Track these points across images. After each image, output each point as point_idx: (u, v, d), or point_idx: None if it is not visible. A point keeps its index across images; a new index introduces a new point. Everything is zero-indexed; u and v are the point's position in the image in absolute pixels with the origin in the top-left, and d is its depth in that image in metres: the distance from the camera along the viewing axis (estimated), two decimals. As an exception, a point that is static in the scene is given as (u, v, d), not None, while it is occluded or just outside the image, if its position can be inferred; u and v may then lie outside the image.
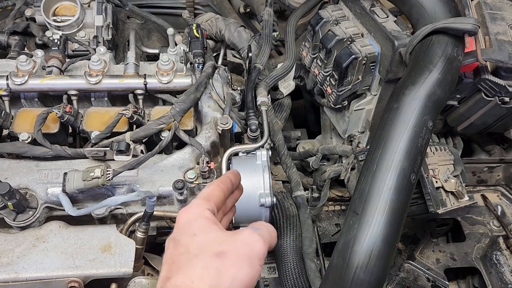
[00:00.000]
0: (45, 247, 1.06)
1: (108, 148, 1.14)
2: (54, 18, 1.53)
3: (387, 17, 1.33)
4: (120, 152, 1.13)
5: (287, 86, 1.66)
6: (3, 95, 1.23)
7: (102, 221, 1.20)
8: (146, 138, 1.20)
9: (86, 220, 1.18)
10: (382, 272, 0.95)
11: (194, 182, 1.19)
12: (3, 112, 1.19)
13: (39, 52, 1.33)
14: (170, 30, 1.33)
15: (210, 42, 1.62)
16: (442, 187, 1.32)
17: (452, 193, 1.33)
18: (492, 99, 1.33)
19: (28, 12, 1.58)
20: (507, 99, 1.33)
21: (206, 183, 1.19)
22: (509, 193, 1.63)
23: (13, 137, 1.20)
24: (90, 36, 1.51)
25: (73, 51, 1.45)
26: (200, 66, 1.32)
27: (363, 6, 1.36)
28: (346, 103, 1.48)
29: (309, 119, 2.13)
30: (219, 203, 0.84)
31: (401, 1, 1.27)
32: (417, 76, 1.09)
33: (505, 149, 1.65)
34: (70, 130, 1.30)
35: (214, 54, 1.72)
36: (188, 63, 1.34)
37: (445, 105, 1.44)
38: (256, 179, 1.23)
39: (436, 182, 1.31)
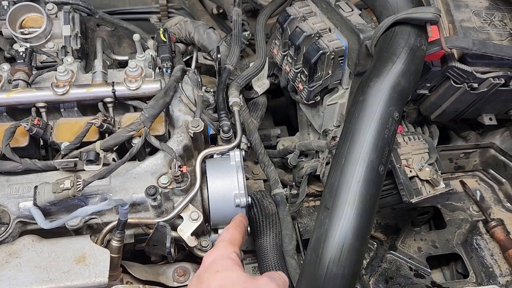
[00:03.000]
0: (18, 262, 1.05)
1: (78, 159, 1.14)
2: (22, 30, 1.52)
3: (352, 10, 1.33)
4: (89, 162, 1.13)
5: (261, 84, 1.66)
6: (-30, 112, 1.22)
7: (77, 232, 1.19)
8: (117, 146, 1.19)
9: (62, 232, 1.18)
10: (355, 265, 0.95)
11: (168, 187, 1.19)
12: (-30, 129, 1.18)
13: (5, 66, 1.32)
14: (136, 36, 1.33)
15: (181, 46, 1.61)
16: (417, 176, 1.33)
17: (427, 181, 1.33)
18: (461, 85, 1.34)
19: (-5, 26, 1.56)
20: (475, 85, 1.34)
21: (180, 187, 1.19)
22: (487, 178, 1.64)
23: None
24: (59, 46, 1.50)
25: (41, 62, 1.44)
26: (169, 71, 1.32)
27: (328, 1, 1.37)
28: (319, 98, 1.48)
29: (290, 116, 2.13)
30: (240, 245, 0.98)
31: (364, -6, 1.27)
32: (381, 68, 1.09)
33: (480, 134, 1.67)
34: (42, 143, 1.29)
35: (187, 57, 1.72)
36: (157, 68, 1.34)
37: (417, 95, 1.46)
38: (230, 180, 1.23)
39: (410, 171, 1.31)
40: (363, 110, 1.05)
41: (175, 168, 1.15)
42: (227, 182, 1.23)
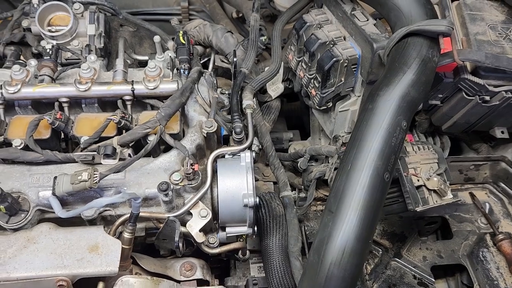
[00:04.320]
0: (36, 248, 1.11)
1: (96, 153, 1.19)
2: (49, 28, 1.59)
3: (367, 20, 1.36)
4: (106, 156, 1.18)
5: (275, 89, 1.70)
6: (-3, 104, 1.29)
7: (91, 222, 1.24)
8: (133, 142, 1.24)
9: (77, 222, 1.23)
10: (356, 268, 0.98)
11: (180, 184, 1.23)
12: (-3, 120, 1.25)
13: (33, 62, 1.38)
14: (157, 38, 1.38)
15: (199, 48, 1.66)
16: (425, 185, 1.34)
17: (434, 191, 1.35)
18: (473, 98, 1.35)
19: (25, 23, 1.64)
20: (487, 97, 1.35)
21: (191, 185, 1.23)
22: (497, 191, 1.65)
23: (8, 143, 1.25)
24: (83, 44, 1.56)
25: (66, 59, 1.51)
26: (186, 72, 1.36)
27: (344, 10, 1.40)
28: (331, 104, 1.51)
29: (304, 121, 2.16)
30: None
31: (380, 5, 1.30)
32: (392, 78, 1.12)
33: (492, 147, 1.67)
34: (63, 136, 1.35)
35: (205, 60, 1.77)
36: (175, 69, 1.38)
37: (429, 105, 1.48)
38: (240, 180, 1.27)
39: (418, 180, 1.33)
40: (371, 118, 1.08)
41: (187, 166, 1.20)
42: (237, 182, 1.27)
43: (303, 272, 1.07)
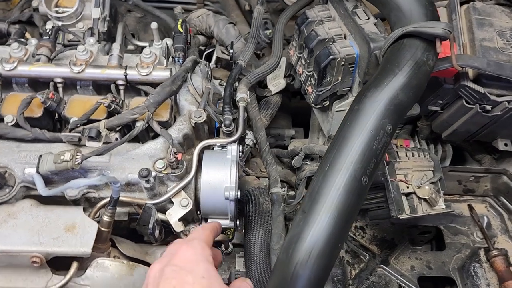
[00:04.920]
0: (15, 223, 1.13)
1: (81, 134, 1.20)
2: (56, 9, 1.62)
3: (368, 19, 1.32)
4: (91, 138, 1.19)
5: (276, 84, 1.68)
6: (-5, 80, 1.32)
7: (75, 203, 1.26)
8: (120, 127, 1.25)
9: (62, 202, 1.25)
10: (322, 271, 0.96)
11: (163, 172, 1.23)
12: (-8, 95, 1.28)
13: (33, 41, 1.41)
14: (154, 24, 1.38)
15: (201, 38, 1.65)
16: (415, 193, 1.30)
17: (425, 199, 1.31)
18: (473, 106, 1.30)
19: (34, 3, 1.67)
20: (488, 107, 1.29)
21: (174, 173, 1.23)
22: (497, 205, 1.58)
23: (1, 119, 1.28)
24: (88, 27, 1.58)
25: (69, 41, 1.53)
26: (180, 60, 1.36)
27: (346, 7, 1.36)
28: (328, 103, 1.48)
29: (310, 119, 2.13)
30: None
31: (382, 4, 1.26)
32: (382, 79, 1.08)
33: (496, 159, 1.61)
34: (57, 117, 1.37)
35: (210, 50, 1.76)
36: (170, 57, 1.38)
37: (429, 111, 1.43)
38: (223, 173, 1.26)
39: (408, 187, 1.29)
40: (355, 119, 1.05)
41: (170, 154, 1.20)
42: (221, 174, 1.26)
43: (273, 270, 1.05)
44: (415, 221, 1.35)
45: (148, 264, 1.31)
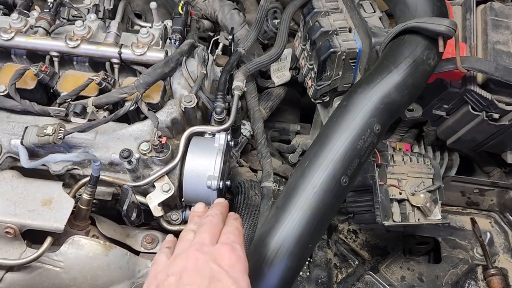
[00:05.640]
0: (-6, 192, 1.13)
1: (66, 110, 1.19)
2: (66, -16, 1.61)
3: (374, 12, 1.25)
4: (75, 114, 1.18)
5: (280, 76, 1.63)
6: (-8, 49, 1.32)
7: (60, 178, 1.26)
8: (108, 105, 1.23)
9: (48, 176, 1.25)
10: (289, 271, 0.91)
11: (147, 155, 1.21)
12: (-13, 64, 1.28)
13: (35, 13, 1.40)
14: (153, 4, 1.35)
15: (205, 22, 1.62)
16: (408, 200, 1.23)
17: (418, 208, 1.24)
18: (479, 113, 1.21)
19: (47, -23, 1.67)
20: (496, 115, 1.20)
21: (158, 157, 1.20)
22: (503, 221, 1.49)
23: (-4, 89, 1.29)
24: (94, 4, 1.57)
25: (73, 16, 1.52)
26: (177, 43, 1.33)
27: (352, -1, 1.30)
28: (328, 99, 1.42)
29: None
30: None
31: (388, -3, 1.19)
32: (375, 76, 1.02)
33: (506, 173, 1.50)
34: (52, 91, 1.37)
35: (218, 37, 1.72)
36: (167, 39, 1.35)
37: (434, 115, 1.35)
38: (208, 161, 1.22)
39: (400, 193, 1.22)
40: (342, 115, 1.00)
41: (154, 137, 1.17)
42: (205, 162, 1.22)
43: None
44: (412, 230, 1.28)
45: (128, 247, 1.29)
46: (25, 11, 1.45)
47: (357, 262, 1.42)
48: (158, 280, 0.77)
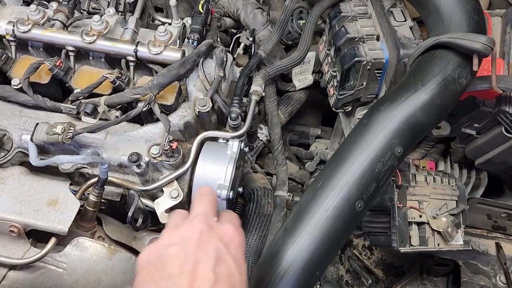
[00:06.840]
0: (2, 188, 1.12)
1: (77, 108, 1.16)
2: (89, -25, 1.57)
3: (404, 21, 1.17)
4: (86, 114, 1.15)
5: (302, 79, 1.56)
6: (10, 40, 1.30)
7: (69, 176, 1.23)
8: (120, 105, 1.20)
9: (57, 173, 1.23)
10: (293, 298, 0.86)
11: (157, 159, 1.17)
12: (3, 55, 1.26)
13: (54, 5, 1.38)
14: (173, 1, 1.30)
15: (228, 20, 1.56)
16: (428, 223, 1.16)
17: (439, 232, 1.16)
18: (513, 136, 1.12)
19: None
20: (531, 140, 1.11)
21: (168, 162, 1.16)
22: (531, 250, 1.39)
23: (10, 81, 1.27)
24: (116, -3, 1.53)
25: (93, 8, 1.49)
26: (195, 43, 1.28)
27: (382, 5, 1.21)
28: (350, 108, 1.35)
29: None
30: None
31: (420, 6, 1.10)
32: (400, 93, 0.95)
33: (538, 198, 1.41)
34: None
35: (239, 35, 1.65)
36: (186, 38, 1.31)
37: (463, 133, 1.26)
38: (219, 169, 1.18)
39: (421, 216, 1.15)
40: (361, 134, 0.93)
41: (165, 141, 1.13)
42: (216, 169, 1.18)
43: (249, 283, 0.97)
44: (438, 253, 1.20)
45: (132, 250, 1.26)
46: (45, 2, 1.42)
47: (370, 281, 1.35)
48: (159, 246, 0.73)
